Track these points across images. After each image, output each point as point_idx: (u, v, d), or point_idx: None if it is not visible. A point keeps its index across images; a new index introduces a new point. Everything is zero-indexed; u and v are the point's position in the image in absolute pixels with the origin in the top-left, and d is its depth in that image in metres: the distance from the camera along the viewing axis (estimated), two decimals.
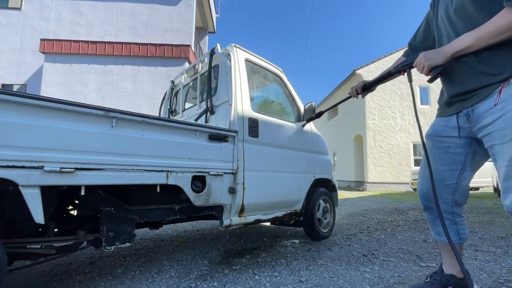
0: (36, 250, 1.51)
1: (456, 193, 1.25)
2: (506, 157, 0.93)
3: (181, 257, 2.36)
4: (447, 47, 1.05)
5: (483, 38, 0.95)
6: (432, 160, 1.25)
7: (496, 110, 0.96)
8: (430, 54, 1.09)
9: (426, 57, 1.08)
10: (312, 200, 2.77)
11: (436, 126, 1.29)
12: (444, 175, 1.24)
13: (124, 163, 1.45)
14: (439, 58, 1.05)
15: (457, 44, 1.02)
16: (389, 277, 1.83)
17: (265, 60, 2.70)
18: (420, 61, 1.10)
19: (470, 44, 0.98)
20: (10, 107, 1.15)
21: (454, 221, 1.29)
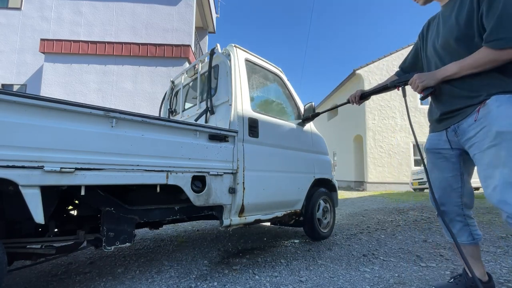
0: (36, 250, 1.52)
1: (464, 196, 1.37)
2: (485, 162, 1.13)
3: (181, 257, 2.36)
4: (438, 72, 1.24)
5: (465, 68, 1.15)
6: (438, 170, 1.42)
7: (476, 126, 1.17)
8: (424, 76, 1.28)
9: (420, 78, 1.28)
10: (312, 200, 2.77)
11: (431, 141, 1.46)
12: (451, 181, 1.38)
13: (124, 163, 1.45)
14: (431, 80, 1.25)
15: (446, 70, 1.21)
16: (389, 277, 1.83)
17: (265, 60, 2.70)
18: (415, 81, 1.30)
19: (456, 72, 1.18)
20: (10, 107, 1.15)
21: (466, 223, 1.39)
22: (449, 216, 1.40)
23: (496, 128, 1.08)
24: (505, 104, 1.09)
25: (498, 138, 1.07)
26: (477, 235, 1.38)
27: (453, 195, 1.37)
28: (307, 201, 2.73)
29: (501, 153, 1.06)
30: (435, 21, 1.42)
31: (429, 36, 1.43)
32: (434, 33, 1.38)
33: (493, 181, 1.08)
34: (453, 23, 1.23)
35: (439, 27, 1.34)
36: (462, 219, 1.38)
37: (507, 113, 1.07)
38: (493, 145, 1.08)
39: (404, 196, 8.00)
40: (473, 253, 1.38)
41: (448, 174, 1.38)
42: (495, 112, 1.09)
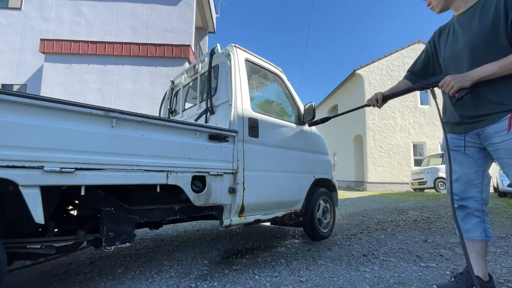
0: (36, 250, 1.52)
1: (483, 192, 1.41)
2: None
3: (181, 257, 2.36)
4: (474, 72, 1.23)
5: (507, 68, 1.15)
6: (458, 165, 1.45)
7: (504, 134, 1.21)
8: (459, 77, 1.26)
9: (456, 79, 1.25)
10: (312, 200, 2.77)
11: (451, 140, 1.49)
12: (472, 176, 1.41)
13: (124, 163, 1.45)
14: (467, 81, 1.23)
15: (484, 70, 1.20)
16: (389, 277, 1.83)
17: (265, 60, 2.70)
18: (449, 82, 1.27)
19: (496, 72, 1.18)
20: (10, 107, 1.15)
21: (483, 219, 1.41)
22: (467, 211, 1.43)
23: None
24: None
25: None
26: (490, 233, 1.41)
27: (474, 190, 1.41)
28: (307, 201, 2.73)
29: None
30: (447, 29, 1.48)
31: (445, 43, 1.48)
32: (451, 40, 1.43)
33: None
34: (476, 29, 1.27)
35: (456, 33, 1.40)
36: (480, 215, 1.41)
37: None
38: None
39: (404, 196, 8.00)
40: (480, 250, 1.40)
41: (470, 170, 1.41)
42: None
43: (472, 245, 1.41)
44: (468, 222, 1.42)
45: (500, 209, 4.70)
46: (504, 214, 4.24)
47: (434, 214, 4.40)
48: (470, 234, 1.42)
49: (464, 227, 1.44)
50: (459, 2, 1.37)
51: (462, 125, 1.40)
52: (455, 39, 1.41)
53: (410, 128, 12.33)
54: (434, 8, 1.44)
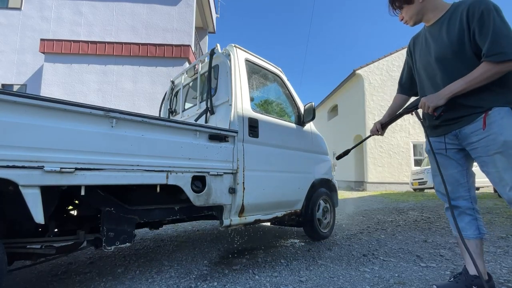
0: (36, 250, 1.51)
1: (471, 190, 1.47)
2: (497, 165, 1.25)
3: (181, 257, 2.36)
4: (446, 90, 1.31)
5: (472, 83, 1.25)
6: (443, 168, 1.50)
7: (479, 133, 1.29)
8: (432, 97, 1.34)
9: (429, 100, 1.34)
10: (312, 200, 2.77)
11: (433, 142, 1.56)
12: (457, 176, 1.47)
13: (124, 163, 1.45)
14: (440, 100, 1.31)
15: (454, 87, 1.29)
16: (389, 277, 1.83)
17: (265, 60, 2.70)
18: (425, 104, 1.36)
19: (464, 88, 1.27)
20: (10, 107, 1.15)
21: (475, 217, 1.46)
22: (459, 210, 1.47)
23: (504, 138, 1.22)
24: (508, 117, 1.24)
25: (505, 146, 1.22)
26: (483, 229, 1.45)
27: (462, 189, 1.46)
28: (307, 201, 2.73)
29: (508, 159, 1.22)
30: (420, 39, 1.57)
31: (418, 52, 1.56)
32: (424, 49, 1.51)
33: (507, 182, 1.23)
34: (445, 41, 1.36)
35: (428, 44, 1.48)
36: (472, 213, 1.46)
37: (510, 124, 1.23)
38: (500, 152, 1.23)
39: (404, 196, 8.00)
40: (476, 249, 1.41)
41: (454, 170, 1.47)
42: (500, 123, 1.24)
43: (468, 244, 1.42)
44: (461, 221, 1.45)
45: (500, 209, 4.69)
46: (504, 214, 4.24)
47: (434, 214, 4.40)
48: (464, 233, 1.43)
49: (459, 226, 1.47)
50: (429, 14, 1.44)
51: (441, 127, 1.48)
52: (427, 50, 1.49)
53: (410, 128, 12.33)
54: (407, 22, 1.50)
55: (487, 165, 1.30)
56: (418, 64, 1.57)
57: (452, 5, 1.40)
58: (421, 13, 1.45)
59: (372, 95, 12.34)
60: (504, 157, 1.22)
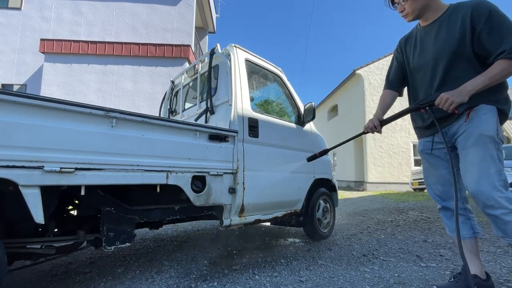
0: (36, 250, 1.51)
1: (461, 190, 1.47)
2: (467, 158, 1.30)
3: (181, 257, 2.36)
4: (468, 86, 1.25)
5: (494, 80, 1.23)
6: (434, 168, 1.53)
7: (463, 126, 1.33)
8: (456, 93, 1.27)
9: (454, 96, 1.26)
10: (312, 200, 2.77)
11: (423, 144, 1.59)
12: (447, 177, 1.49)
13: (124, 163, 1.45)
14: (464, 96, 1.25)
15: (476, 83, 1.24)
16: (389, 277, 1.83)
17: (265, 60, 2.70)
18: (447, 100, 1.28)
19: (488, 83, 1.24)
20: (10, 107, 1.15)
21: (468, 216, 1.47)
22: (451, 211, 1.49)
23: (480, 131, 1.26)
24: (489, 113, 1.28)
25: (479, 139, 1.26)
26: (477, 228, 1.46)
27: (452, 190, 1.45)
28: (307, 201, 2.73)
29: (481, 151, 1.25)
30: (412, 39, 1.57)
31: (412, 53, 1.55)
32: (419, 50, 1.50)
33: (471, 175, 1.25)
34: (445, 40, 1.37)
35: (424, 44, 1.48)
36: (464, 213, 1.47)
37: (490, 120, 1.27)
38: (474, 145, 1.27)
39: (404, 196, 8.00)
40: (472, 248, 1.43)
41: (444, 171, 1.49)
42: (481, 117, 1.28)
43: (463, 244, 1.43)
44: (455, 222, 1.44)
45: None
46: None
47: (434, 214, 4.40)
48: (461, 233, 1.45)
49: (452, 227, 1.52)
50: (430, 13, 1.44)
51: (431, 128, 1.50)
52: (423, 50, 1.48)
53: (410, 128, 12.32)
54: (407, 16, 1.47)
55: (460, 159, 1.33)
56: (412, 65, 1.55)
57: (450, 7, 1.41)
58: (424, 9, 1.43)
59: (372, 95, 12.34)
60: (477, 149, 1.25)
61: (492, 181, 1.21)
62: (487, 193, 1.20)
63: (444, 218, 1.57)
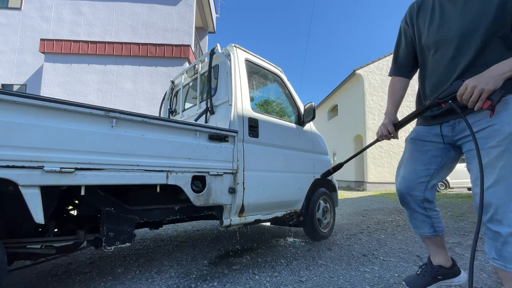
0: (36, 250, 1.51)
1: (426, 191, 1.34)
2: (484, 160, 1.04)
3: (181, 257, 2.36)
4: (502, 67, 0.98)
5: None
6: (413, 160, 1.36)
7: (484, 122, 1.06)
8: (485, 78, 0.98)
9: (482, 82, 0.97)
10: (312, 200, 2.77)
11: (419, 132, 1.37)
12: (420, 173, 1.33)
13: (124, 163, 1.45)
14: (498, 80, 0.97)
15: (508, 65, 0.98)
16: (389, 277, 1.83)
17: (265, 60, 2.70)
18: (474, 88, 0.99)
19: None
20: (10, 107, 1.15)
21: (428, 215, 1.38)
22: (411, 207, 1.39)
23: (511, 129, 1.00)
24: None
25: (509, 139, 1.00)
26: (438, 227, 1.38)
27: (417, 188, 1.34)
28: (307, 201, 2.73)
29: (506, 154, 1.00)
30: (429, 5, 1.24)
31: (428, 24, 1.23)
32: (437, 20, 1.18)
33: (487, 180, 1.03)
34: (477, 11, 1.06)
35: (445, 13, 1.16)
36: (423, 212, 1.38)
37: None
38: (499, 146, 1.01)
39: None
40: (437, 242, 1.42)
41: (421, 167, 1.33)
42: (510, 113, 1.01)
43: (427, 239, 1.43)
44: (415, 219, 1.41)
45: None
46: None
47: None
48: (419, 230, 1.42)
49: (413, 224, 1.44)
50: None
51: (439, 117, 1.26)
52: (444, 22, 1.16)
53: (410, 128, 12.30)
54: None
55: (473, 160, 1.10)
56: (425, 40, 1.23)
57: None
58: None
59: (372, 95, 12.33)
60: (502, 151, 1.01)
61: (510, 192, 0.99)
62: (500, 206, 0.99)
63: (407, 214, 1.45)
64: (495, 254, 1.04)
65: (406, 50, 1.38)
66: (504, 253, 1.00)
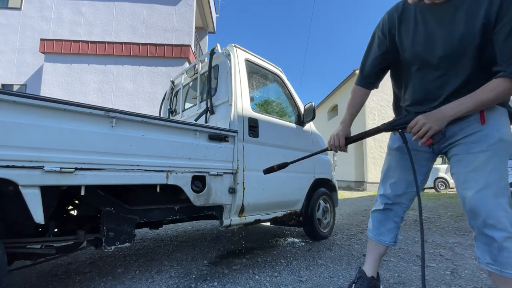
0: (36, 250, 1.51)
1: (411, 200, 1.37)
2: (471, 165, 1.06)
3: (181, 257, 2.36)
4: (449, 110, 1.03)
5: (484, 105, 1.01)
6: (400, 170, 1.35)
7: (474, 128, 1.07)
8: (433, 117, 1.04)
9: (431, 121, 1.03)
10: (312, 200, 2.77)
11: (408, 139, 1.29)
12: (410, 183, 1.33)
13: (124, 163, 1.45)
14: (443, 122, 1.02)
15: (460, 108, 1.02)
16: (389, 277, 1.83)
17: (265, 60, 2.70)
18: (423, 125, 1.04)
19: (471, 109, 1.02)
20: (10, 107, 1.15)
21: (398, 225, 1.41)
22: (390, 215, 1.39)
23: (500, 135, 1.03)
24: (504, 116, 1.08)
25: (498, 144, 1.03)
26: (398, 237, 1.43)
27: (406, 197, 1.36)
28: (307, 201, 2.73)
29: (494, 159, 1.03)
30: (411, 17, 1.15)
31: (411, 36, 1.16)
32: (421, 36, 1.12)
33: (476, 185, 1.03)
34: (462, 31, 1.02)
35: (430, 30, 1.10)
36: (398, 221, 1.40)
37: (507, 124, 1.08)
38: (487, 150, 1.03)
39: None
40: (382, 253, 1.42)
41: (409, 177, 1.31)
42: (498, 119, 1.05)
43: (377, 247, 1.42)
44: (384, 226, 1.40)
45: None
46: None
47: (434, 214, 4.40)
48: (381, 237, 1.41)
49: (378, 230, 1.42)
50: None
51: None
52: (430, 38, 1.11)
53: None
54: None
55: (458, 165, 1.11)
56: (409, 54, 1.17)
57: None
58: None
59: (372, 95, 12.20)
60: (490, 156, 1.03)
61: (499, 197, 1.00)
62: (492, 210, 0.99)
63: (376, 219, 1.44)
64: (490, 259, 1.03)
65: (374, 62, 1.32)
66: (501, 259, 0.99)
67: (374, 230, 1.44)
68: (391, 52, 1.24)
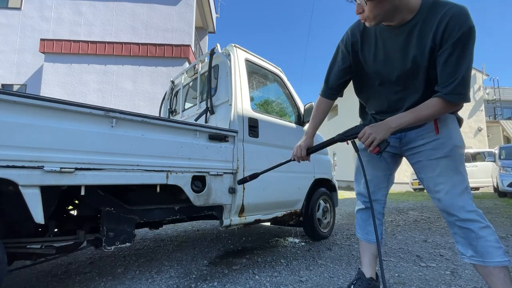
0: (36, 250, 1.51)
1: (386, 196, 1.47)
2: (436, 169, 1.18)
3: (181, 257, 2.36)
4: (392, 122, 1.14)
5: (423, 119, 1.13)
6: (372, 167, 1.46)
7: (430, 136, 1.21)
8: (378, 129, 1.15)
9: (376, 132, 1.14)
10: (312, 200, 2.77)
11: None
12: (381, 179, 1.44)
13: (124, 163, 1.45)
14: (387, 133, 1.14)
15: (402, 121, 1.13)
16: (389, 277, 1.83)
17: (265, 60, 2.70)
18: (369, 135, 1.15)
19: (411, 123, 1.13)
20: (10, 107, 1.15)
21: (382, 222, 1.48)
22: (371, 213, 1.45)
23: (454, 143, 1.17)
24: (455, 123, 1.22)
25: (454, 151, 1.16)
26: (383, 234, 1.50)
27: (381, 193, 1.45)
28: (307, 201, 2.73)
29: (453, 164, 1.16)
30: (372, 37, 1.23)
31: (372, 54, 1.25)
32: (381, 55, 1.22)
33: (445, 187, 1.15)
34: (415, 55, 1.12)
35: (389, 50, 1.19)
36: (381, 217, 1.46)
37: (457, 130, 1.22)
38: (447, 156, 1.16)
39: (404, 196, 8.00)
40: (374, 251, 1.46)
41: (380, 173, 1.44)
42: (450, 127, 1.20)
43: (369, 247, 1.46)
44: (370, 225, 1.45)
45: (500, 209, 4.70)
46: (504, 214, 4.24)
47: (434, 214, 4.40)
48: (368, 236, 1.46)
49: (365, 229, 1.48)
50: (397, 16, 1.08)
51: None
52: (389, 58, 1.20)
53: None
54: (368, 21, 1.10)
55: (425, 170, 1.22)
56: (371, 71, 1.28)
57: (424, 5, 1.06)
58: (391, 13, 1.06)
59: None
60: (449, 161, 1.16)
61: (466, 195, 1.14)
62: (464, 207, 1.12)
63: (361, 219, 1.51)
64: (472, 252, 1.11)
65: (338, 74, 1.38)
66: (480, 248, 1.08)
67: (360, 230, 1.51)
68: (354, 66, 1.34)
